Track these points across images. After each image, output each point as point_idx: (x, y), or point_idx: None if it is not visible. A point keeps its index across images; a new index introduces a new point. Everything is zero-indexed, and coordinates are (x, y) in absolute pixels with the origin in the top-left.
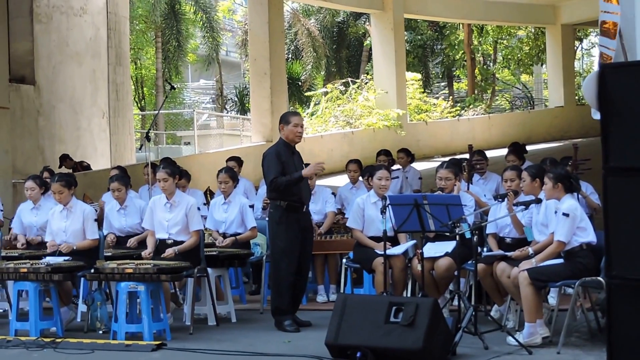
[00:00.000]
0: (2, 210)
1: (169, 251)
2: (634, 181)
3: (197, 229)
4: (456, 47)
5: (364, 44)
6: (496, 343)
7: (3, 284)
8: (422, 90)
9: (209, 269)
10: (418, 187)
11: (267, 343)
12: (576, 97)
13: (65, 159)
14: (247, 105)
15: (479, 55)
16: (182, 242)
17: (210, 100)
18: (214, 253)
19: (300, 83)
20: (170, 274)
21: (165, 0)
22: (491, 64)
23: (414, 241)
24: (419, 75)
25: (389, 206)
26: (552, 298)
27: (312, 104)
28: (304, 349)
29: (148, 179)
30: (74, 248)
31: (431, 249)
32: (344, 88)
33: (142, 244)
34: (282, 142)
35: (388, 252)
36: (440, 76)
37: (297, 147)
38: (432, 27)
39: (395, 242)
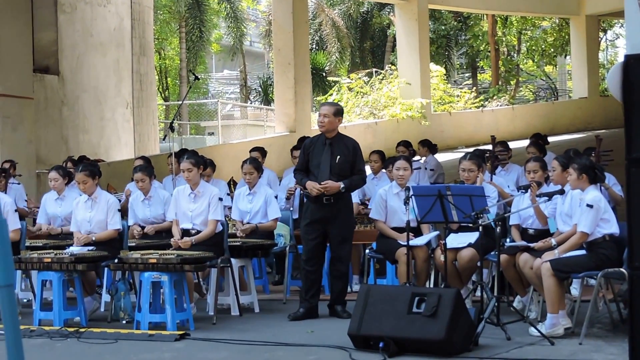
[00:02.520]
0: (26, 201)
1: (186, 240)
2: None
3: (215, 218)
4: (480, 37)
5: (388, 35)
6: (518, 334)
7: (27, 274)
8: (446, 81)
9: (232, 259)
10: (427, 179)
11: (290, 333)
12: (600, 89)
13: (82, 160)
14: (270, 95)
15: (502, 46)
16: None
17: (234, 90)
18: (238, 243)
19: (324, 73)
20: (194, 264)
21: None
22: (515, 55)
23: (437, 232)
24: (442, 69)
25: (413, 197)
26: (575, 289)
27: (333, 92)
28: (327, 339)
29: (172, 169)
30: (93, 239)
31: (454, 240)
32: (367, 78)
33: (160, 234)
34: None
35: (411, 242)
36: (465, 67)
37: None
38: (456, 17)
39: (418, 232)
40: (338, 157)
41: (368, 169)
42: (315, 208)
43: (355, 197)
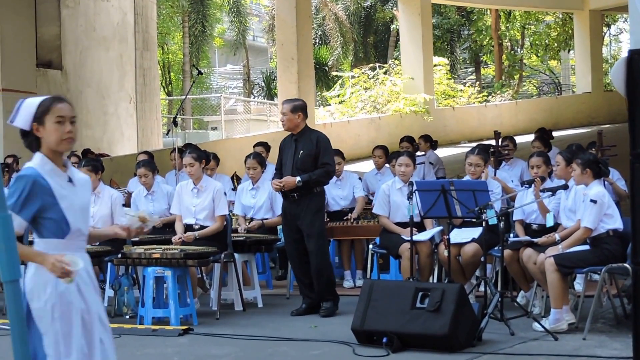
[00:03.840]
0: None
1: (189, 234)
2: None
3: (222, 213)
4: (483, 32)
5: (392, 29)
6: (522, 329)
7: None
8: (450, 76)
9: (235, 254)
10: (426, 174)
11: (293, 328)
12: (604, 83)
13: (86, 154)
14: (274, 90)
15: (506, 40)
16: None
17: (237, 85)
18: (241, 238)
19: (327, 68)
20: (197, 259)
21: None
22: (519, 50)
23: (441, 227)
24: (445, 60)
25: (416, 192)
26: (578, 284)
27: (337, 86)
28: (331, 334)
29: (175, 164)
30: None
31: (458, 235)
32: (371, 73)
33: (167, 227)
34: None
35: (414, 237)
36: (468, 62)
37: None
38: (459, 12)
39: (421, 228)
40: (301, 152)
41: (372, 164)
42: (285, 205)
43: (361, 191)
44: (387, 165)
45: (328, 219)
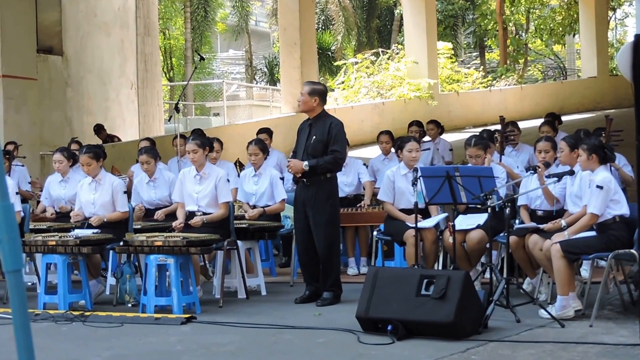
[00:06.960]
0: (30, 183)
1: (197, 219)
2: None
3: (226, 200)
4: (488, 16)
5: (395, 14)
6: (528, 316)
7: (31, 257)
8: (454, 60)
9: (238, 242)
10: (449, 158)
11: (297, 316)
12: (609, 68)
13: (100, 130)
14: (276, 75)
15: (511, 25)
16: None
17: (240, 70)
18: (244, 225)
19: (330, 53)
20: (200, 247)
21: None
22: (523, 34)
23: (446, 214)
24: (450, 45)
25: (421, 178)
26: (585, 271)
27: (341, 74)
28: (335, 322)
29: (177, 150)
30: (105, 220)
31: (463, 222)
32: (374, 58)
33: (170, 217)
34: None
35: (419, 224)
36: (472, 46)
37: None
38: None
39: (426, 214)
40: (313, 137)
41: (376, 150)
42: (297, 190)
43: (366, 176)
44: (393, 150)
45: None
